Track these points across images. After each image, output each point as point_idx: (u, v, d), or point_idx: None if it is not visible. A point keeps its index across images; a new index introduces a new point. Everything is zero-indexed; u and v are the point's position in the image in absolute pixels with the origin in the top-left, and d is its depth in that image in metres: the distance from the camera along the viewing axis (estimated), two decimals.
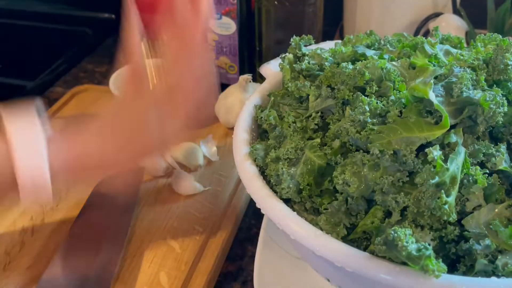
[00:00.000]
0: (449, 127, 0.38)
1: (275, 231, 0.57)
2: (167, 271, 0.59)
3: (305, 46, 0.52)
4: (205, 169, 0.74)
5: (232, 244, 0.65)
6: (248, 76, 0.78)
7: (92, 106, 0.89)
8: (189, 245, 0.62)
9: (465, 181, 0.37)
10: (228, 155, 0.77)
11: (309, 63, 0.49)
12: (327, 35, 1.03)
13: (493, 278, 0.34)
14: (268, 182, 0.42)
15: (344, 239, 0.39)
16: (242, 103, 0.50)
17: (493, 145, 0.39)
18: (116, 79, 0.83)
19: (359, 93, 0.42)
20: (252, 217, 0.69)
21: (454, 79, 0.41)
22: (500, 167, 0.38)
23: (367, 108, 0.40)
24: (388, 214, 0.39)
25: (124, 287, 0.58)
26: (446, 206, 0.36)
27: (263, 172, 0.44)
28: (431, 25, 0.89)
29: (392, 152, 0.38)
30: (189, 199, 0.69)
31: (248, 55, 0.90)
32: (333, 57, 0.49)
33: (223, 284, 0.60)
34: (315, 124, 0.45)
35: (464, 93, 0.39)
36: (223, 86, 0.87)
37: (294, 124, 0.45)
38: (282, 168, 0.41)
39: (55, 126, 0.53)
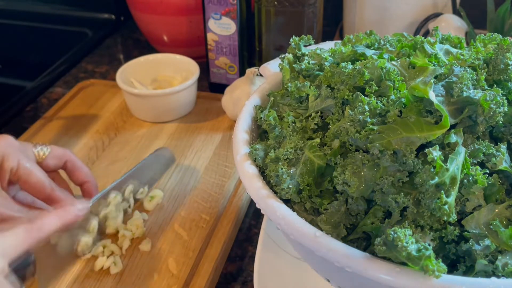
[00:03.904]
0: (449, 127, 0.38)
1: (275, 231, 0.57)
2: (175, 257, 0.62)
3: (305, 46, 0.52)
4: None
5: (232, 244, 0.65)
6: (255, 69, 0.78)
7: (98, 100, 0.91)
8: (196, 232, 0.65)
9: (465, 181, 0.37)
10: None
11: (308, 63, 0.49)
12: (327, 35, 1.03)
13: (493, 279, 0.34)
14: (268, 183, 0.42)
15: (344, 240, 0.39)
16: (249, 96, 0.51)
17: (493, 145, 0.39)
18: (123, 73, 0.84)
19: (358, 93, 0.42)
20: (252, 217, 0.69)
21: (454, 79, 0.41)
22: (500, 167, 0.38)
23: (367, 108, 0.40)
24: (388, 214, 0.39)
25: (134, 273, 0.59)
26: (446, 207, 0.36)
27: (263, 172, 0.43)
28: (431, 25, 0.89)
29: (392, 152, 0.38)
30: (195, 189, 0.71)
31: (248, 55, 0.90)
32: (333, 57, 0.49)
33: (223, 285, 0.60)
34: (315, 124, 0.45)
35: (464, 92, 0.39)
36: (223, 87, 0.87)
37: (293, 124, 0.45)
38: (281, 169, 0.41)
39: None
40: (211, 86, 0.93)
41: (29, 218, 0.49)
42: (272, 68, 0.54)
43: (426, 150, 0.36)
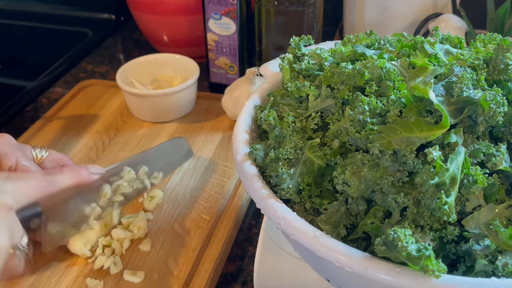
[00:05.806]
0: (449, 127, 0.38)
1: (275, 231, 0.57)
2: (175, 257, 0.61)
3: (305, 46, 0.52)
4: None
5: (232, 244, 0.65)
6: (255, 69, 0.78)
7: (98, 100, 0.91)
8: (196, 232, 0.65)
9: (465, 181, 0.37)
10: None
11: (308, 63, 0.49)
12: (327, 35, 1.03)
13: (493, 278, 0.34)
14: (268, 183, 0.42)
15: (344, 240, 0.39)
16: (249, 96, 0.51)
17: (493, 145, 0.39)
18: (123, 73, 0.84)
19: (358, 93, 0.42)
20: (252, 217, 0.69)
21: (454, 79, 0.41)
22: (500, 167, 0.38)
23: (367, 108, 0.40)
24: (388, 214, 0.39)
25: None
26: (446, 207, 0.36)
27: (263, 172, 0.43)
28: (431, 25, 0.89)
29: (392, 152, 0.38)
30: (195, 189, 0.72)
31: (248, 55, 0.90)
32: (333, 57, 0.49)
33: (223, 285, 0.60)
34: (315, 124, 0.45)
35: (464, 92, 0.39)
36: (223, 87, 0.87)
37: (293, 124, 0.45)
38: (281, 169, 0.41)
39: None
40: (211, 86, 0.93)
41: (43, 172, 0.50)
42: (272, 68, 0.54)
43: (426, 150, 0.36)
